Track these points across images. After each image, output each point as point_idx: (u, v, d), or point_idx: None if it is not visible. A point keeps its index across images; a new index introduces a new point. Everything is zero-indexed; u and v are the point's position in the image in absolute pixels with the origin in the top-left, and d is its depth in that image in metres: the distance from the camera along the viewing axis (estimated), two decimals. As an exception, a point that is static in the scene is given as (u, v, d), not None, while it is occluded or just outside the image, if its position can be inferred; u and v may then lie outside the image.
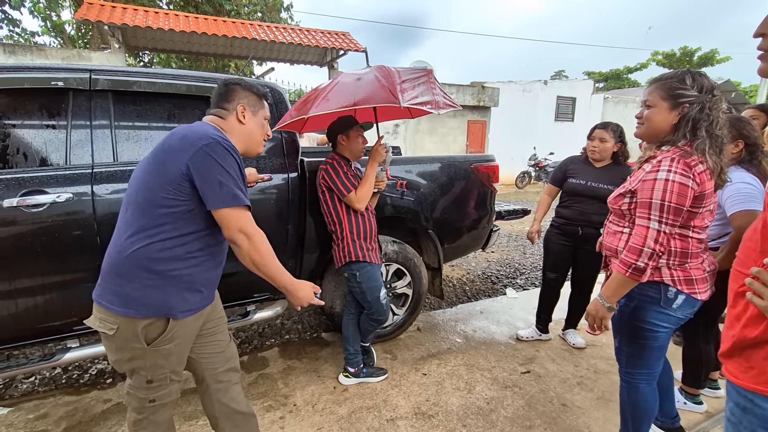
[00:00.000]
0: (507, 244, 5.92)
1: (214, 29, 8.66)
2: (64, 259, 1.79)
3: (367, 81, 1.91)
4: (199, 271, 1.29)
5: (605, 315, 1.46)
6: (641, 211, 1.38)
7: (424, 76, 2.00)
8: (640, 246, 1.35)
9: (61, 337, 1.94)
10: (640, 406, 1.62)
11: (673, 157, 1.32)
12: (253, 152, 1.47)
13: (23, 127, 1.81)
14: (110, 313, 1.21)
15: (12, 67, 1.77)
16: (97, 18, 7.74)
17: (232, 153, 1.24)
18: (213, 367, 1.47)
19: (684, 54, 25.99)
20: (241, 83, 1.43)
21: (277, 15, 14.26)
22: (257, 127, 1.44)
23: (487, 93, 12.32)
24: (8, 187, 1.68)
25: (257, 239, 1.26)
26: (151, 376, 1.28)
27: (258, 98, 1.45)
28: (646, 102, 1.45)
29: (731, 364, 0.89)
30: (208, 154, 1.18)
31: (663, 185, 1.31)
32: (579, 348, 2.79)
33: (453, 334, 2.99)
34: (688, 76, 1.35)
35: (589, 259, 2.62)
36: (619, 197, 1.50)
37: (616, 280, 1.42)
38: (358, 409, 2.13)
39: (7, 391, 2.29)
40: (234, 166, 1.23)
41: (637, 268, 1.35)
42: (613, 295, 1.43)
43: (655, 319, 1.47)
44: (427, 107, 1.89)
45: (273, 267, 1.29)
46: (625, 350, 1.59)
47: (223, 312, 1.55)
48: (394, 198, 2.63)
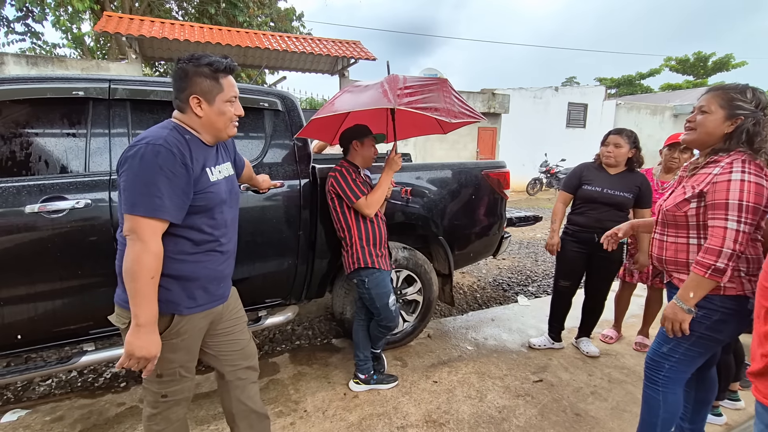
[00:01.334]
0: (518, 251, 5.87)
1: (228, 39, 8.85)
2: (82, 263, 1.83)
3: (372, 88, 1.97)
4: (200, 268, 1.31)
5: (684, 318, 1.43)
6: (716, 212, 1.38)
7: (434, 84, 2.01)
8: (719, 247, 1.34)
9: (77, 341, 1.98)
10: (673, 410, 1.61)
11: (744, 159, 1.36)
12: (224, 137, 1.36)
13: (45, 135, 1.87)
14: (124, 310, 1.26)
15: (35, 77, 1.84)
16: (116, 30, 7.97)
17: (153, 157, 1.15)
18: (233, 364, 1.51)
19: (698, 59, 25.68)
20: (190, 64, 1.26)
21: (289, 24, 14.51)
22: (216, 115, 1.30)
23: (497, 100, 12.31)
24: (30, 194, 1.73)
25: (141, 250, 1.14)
26: (161, 370, 1.32)
27: (212, 81, 1.27)
28: (701, 108, 1.47)
29: (762, 383, 0.86)
30: (125, 160, 1.18)
31: (739, 185, 1.33)
32: (593, 357, 2.74)
33: (464, 342, 2.96)
34: (749, 90, 1.41)
35: (604, 266, 2.59)
36: (683, 203, 1.49)
37: (693, 281, 1.41)
38: (368, 416, 2.12)
39: (24, 394, 2.34)
40: (145, 173, 1.15)
41: (716, 269, 1.34)
42: (693, 298, 1.41)
43: (735, 332, 1.48)
44: (435, 114, 1.89)
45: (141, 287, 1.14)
46: (677, 357, 1.56)
47: (242, 312, 1.58)
48: (403, 205, 2.64)
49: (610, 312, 3.06)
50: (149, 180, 1.15)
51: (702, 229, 1.46)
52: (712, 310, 1.44)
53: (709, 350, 1.53)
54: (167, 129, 1.24)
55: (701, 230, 1.47)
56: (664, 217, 1.57)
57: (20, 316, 1.78)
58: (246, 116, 2.22)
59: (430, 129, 2.63)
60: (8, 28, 10.96)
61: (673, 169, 2.65)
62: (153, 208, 1.15)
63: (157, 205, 1.15)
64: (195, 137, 1.30)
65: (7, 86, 1.76)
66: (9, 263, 1.71)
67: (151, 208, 1.15)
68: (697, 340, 1.49)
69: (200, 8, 12.98)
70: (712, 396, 1.78)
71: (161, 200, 1.16)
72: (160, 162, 1.16)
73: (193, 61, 1.26)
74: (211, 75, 1.27)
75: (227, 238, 1.41)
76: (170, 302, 1.27)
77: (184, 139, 1.25)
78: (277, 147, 2.30)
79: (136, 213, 1.15)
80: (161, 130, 1.22)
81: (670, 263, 1.57)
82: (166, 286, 1.24)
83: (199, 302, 1.32)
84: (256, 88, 2.31)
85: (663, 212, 1.58)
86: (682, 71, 26.88)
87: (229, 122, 1.34)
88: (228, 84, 1.31)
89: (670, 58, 27.03)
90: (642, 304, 3.01)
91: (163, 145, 1.17)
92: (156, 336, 1.20)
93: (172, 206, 1.18)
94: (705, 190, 1.42)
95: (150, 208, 1.15)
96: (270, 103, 2.26)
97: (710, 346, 1.51)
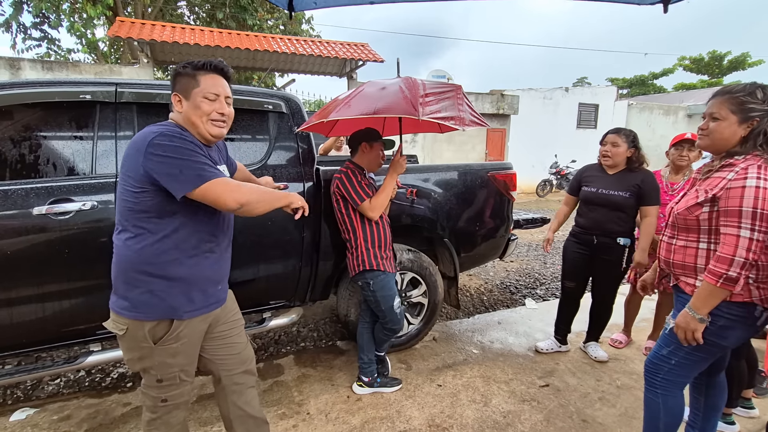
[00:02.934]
0: (527, 253, 5.81)
1: (237, 43, 8.94)
2: (88, 264, 1.85)
3: (390, 91, 1.92)
4: (198, 269, 1.32)
5: (697, 327, 1.40)
6: (729, 219, 1.34)
7: (451, 91, 1.99)
8: (731, 255, 1.31)
9: (84, 341, 2.00)
10: (674, 414, 1.58)
11: (760, 164, 1.32)
12: (205, 134, 1.31)
13: (53, 138, 1.90)
14: (120, 317, 1.28)
15: (44, 81, 1.87)
16: (128, 35, 8.10)
17: (178, 137, 1.22)
18: (229, 368, 1.50)
19: (713, 58, 25.18)
20: (176, 69, 1.32)
21: (299, 27, 14.61)
22: (192, 109, 1.29)
23: (506, 101, 12.23)
24: (38, 196, 1.76)
25: (246, 195, 1.27)
26: (161, 375, 1.33)
27: (189, 77, 1.29)
28: (712, 114, 1.43)
29: None
30: (154, 154, 1.18)
31: (754, 192, 1.29)
32: (601, 361, 2.69)
33: (469, 345, 2.93)
34: (759, 90, 1.36)
35: (607, 269, 2.55)
36: (695, 207, 1.46)
37: (705, 290, 1.38)
38: (371, 420, 2.10)
39: (34, 392, 2.37)
40: (183, 150, 1.21)
41: (728, 278, 1.31)
42: (703, 306, 1.38)
43: (740, 339, 1.45)
44: (449, 122, 1.87)
45: (270, 200, 1.34)
46: (677, 360, 1.53)
47: (239, 315, 1.58)
48: (409, 206, 2.63)
49: (619, 316, 3.01)
50: (189, 153, 1.22)
51: (713, 234, 1.43)
52: (717, 316, 1.41)
53: (712, 355, 1.49)
54: (167, 125, 1.27)
55: (712, 235, 1.43)
56: (675, 219, 1.54)
57: (30, 316, 1.81)
58: (250, 118, 2.26)
59: (429, 129, 2.61)
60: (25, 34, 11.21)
61: (682, 168, 2.60)
62: (206, 176, 1.22)
63: (210, 171, 1.24)
64: (193, 137, 1.31)
65: (17, 90, 1.79)
66: (18, 264, 1.74)
67: (206, 176, 1.22)
68: (699, 345, 1.46)
69: (210, 12, 13.14)
70: (721, 402, 1.74)
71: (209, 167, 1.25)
72: (188, 138, 1.25)
73: (177, 68, 1.32)
74: (190, 72, 1.30)
75: (224, 239, 1.42)
76: (169, 307, 1.28)
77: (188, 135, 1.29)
78: (281, 149, 2.31)
79: (198, 184, 1.20)
80: (159, 127, 1.25)
81: (677, 266, 1.54)
82: (166, 289, 1.25)
83: (198, 305, 1.33)
84: (260, 90, 2.32)
85: (674, 215, 1.55)
86: (696, 71, 26.38)
87: (205, 118, 1.30)
88: (206, 80, 1.30)
89: (684, 57, 26.55)
90: (653, 308, 2.95)
91: (177, 127, 1.26)
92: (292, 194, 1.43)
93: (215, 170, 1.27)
94: (718, 195, 1.38)
95: (205, 177, 1.21)
96: (274, 105, 2.27)
97: (712, 351, 1.47)
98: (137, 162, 1.19)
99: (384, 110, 1.82)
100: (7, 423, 2.08)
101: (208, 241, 1.35)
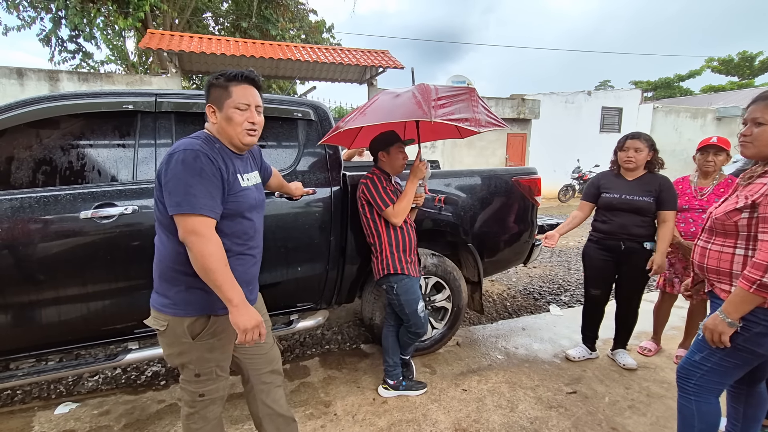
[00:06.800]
0: (550, 259, 5.73)
1: (261, 52, 9.19)
2: (128, 266, 1.95)
3: (404, 98, 1.97)
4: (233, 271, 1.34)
5: (725, 330, 1.39)
6: (767, 226, 1.33)
7: (464, 93, 2.02)
8: (767, 262, 1.29)
9: (122, 339, 2.10)
10: (709, 421, 1.54)
11: None
12: (238, 144, 1.38)
13: (98, 146, 2.01)
14: (161, 314, 1.35)
15: (90, 93, 1.99)
16: (158, 46, 8.44)
17: (192, 161, 1.24)
18: (257, 368, 1.57)
19: (743, 59, 24.36)
20: (209, 80, 1.36)
21: (320, 36, 14.87)
22: (225, 121, 1.34)
23: (527, 105, 12.12)
24: (84, 200, 1.87)
25: (202, 244, 1.22)
26: (199, 369, 1.40)
27: (221, 89, 1.34)
28: (756, 120, 1.40)
29: None
30: (166, 165, 1.26)
31: None
32: (630, 369, 2.64)
33: (494, 351, 2.92)
34: None
35: (633, 274, 2.52)
36: (734, 213, 1.44)
37: (738, 296, 1.36)
38: (397, 422, 2.12)
39: (75, 388, 2.49)
40: (186, 175, 1.23)
41: (762, 284, 1.30)
42: (735, 312, 1.37)
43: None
44: (464, 124, 1.90)
45: (219, 276, 1.23)
46: (709, 366, 1.50)
47: (267, 316, 1.64)
48: (433, 212, 2.65)
49: (648, 323, 2.94)
50: (191, 181, 1.24)
51: (751, 240, 1.40)
52: (753, 323, 1.38)
53: (746, 363, 1.45)
54: (200, 138, 1.33)
55: (750, 241, 1.41)
56: (713, 224, 1.52)
57: (75, 315, 1.91)
58: (280, 126, 2.33)
59: (448, 134, 2.63)
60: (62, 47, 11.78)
61: (710, 173, 2.55)
62: (198, 206, 1.23)
63: (201, 203, 1.24)
64: (223, 146, 1.38)
65: (68, 101, 1.91)
66: (66, 264, 1.84)
67: (197, 206, 1.23)
68: (732, 350, 1.43)
69: (235, 23, 13.52)
70: (762, 413, 1.69)
71: (204, 199, 1.25)
72: (199, 165, 1.25)
73: (210, 79, 1.36)
74: (222, 84, 1.34)
75: (256, 242, 1.49)
76: (207, 303, 1.34)
77: (215, 148, 1.34)
78: (309, 155, 2.37)
79: (183, 212, 1.23)
80: (195, 140, 1.32)
81: (711, 272, 1.51)
82: (203, 288, 1.31)
83: None
84: (290, 98, 2.40)
85: (712, 219, 1.53)
86: (725, 72, 25.55)
87: (240, 128, 1.35)
88: (238, 90, 1.34)
89: (712, 58, 25.79)
90: (683, 315, 2.87)
91: (200, 149, 1.27)
92: (251, 308, 1.30)
93: (215, 205, 1.28)
94: (758, 201, 1.36)
95: (196, 206, 1.23)
96: (303, 113, 2.34)
97: (747, 359, 1.44)
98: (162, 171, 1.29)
99: (397, 116, 1.89)
100: (52, 416, 2.19)
101: (243, 244, 1.42)
